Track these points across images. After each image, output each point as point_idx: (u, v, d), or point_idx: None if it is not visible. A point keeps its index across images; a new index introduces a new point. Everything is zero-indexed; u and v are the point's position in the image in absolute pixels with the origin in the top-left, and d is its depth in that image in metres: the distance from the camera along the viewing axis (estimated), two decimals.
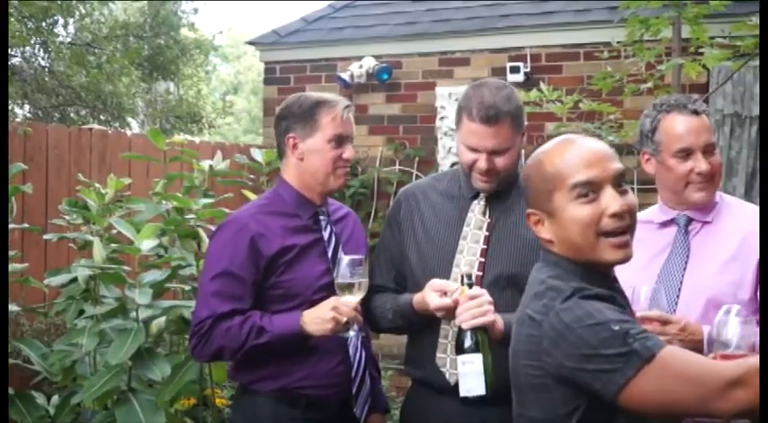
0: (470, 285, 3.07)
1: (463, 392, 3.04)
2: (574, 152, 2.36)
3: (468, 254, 3.30)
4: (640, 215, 3.57)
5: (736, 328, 2.52)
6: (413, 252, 3.40)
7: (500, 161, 3.25)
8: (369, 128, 8.16)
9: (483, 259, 3.29)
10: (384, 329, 3.51)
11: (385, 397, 3.77)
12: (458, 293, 3.08)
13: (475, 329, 3.03)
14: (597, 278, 2.34)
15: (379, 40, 8.22)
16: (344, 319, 3.18)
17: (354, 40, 8.30)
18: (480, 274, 3.26)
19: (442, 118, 7.85)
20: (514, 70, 7.50)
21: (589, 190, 2.31)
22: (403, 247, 3.43)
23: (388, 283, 3.47)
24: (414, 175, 7.77)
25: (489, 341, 3.04)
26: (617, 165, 2.36)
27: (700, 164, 3.21)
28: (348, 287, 3.15)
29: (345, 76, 8.08)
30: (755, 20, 5.48)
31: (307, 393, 3.33)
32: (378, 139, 8.16)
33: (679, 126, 3.24)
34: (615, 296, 2.33)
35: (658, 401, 2.14)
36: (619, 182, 2.35)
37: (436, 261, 3.33)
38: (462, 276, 3.09)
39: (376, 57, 8.08)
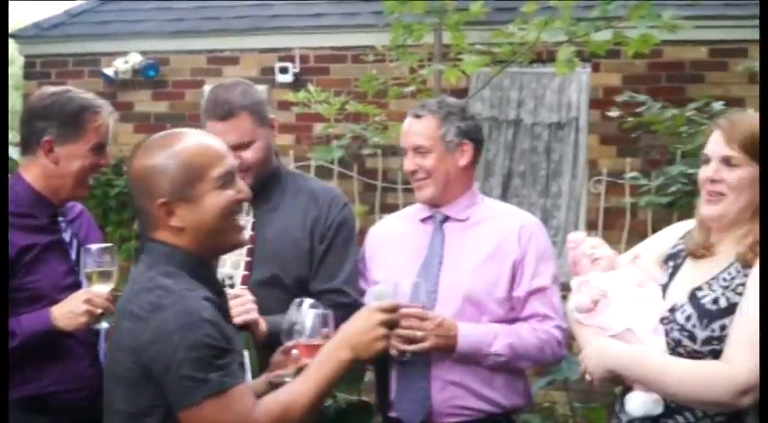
0: (231, 286, 3.10)
1: None
2: (214, 144, 2.47)
3: (234, 253, 3.32)
4: (403, 212, 3.73)
5: (310, 318, 2.65)
6: None
7: (247, 155, 3.29)
8: (134, 126, 7.98)
9: (249, 258, 3.32)
10: None
11: None
12: None
13: (239, 328, 3.05)
14: (206, 274, 2.44)
15: (146, 35, 8.06)
16: (99, 311, 3.08)
17: (120, 35, 8.11)
18: (247, 273, 3.29)
19: None
20: (283, 71, 7.54)
21: (230, 178, 2.42)
22: None
23: None
24: None
25: (255, 340, 3.08)
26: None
27: (406, 164, 3.41)
28: (99, 276, 3.06)
29: (110, 71, 7.89)
30: (512, 28, 5.77)
31: (56, 399, 3.21)
32: (143, 137, 7.99)
33: (402, 128, 3.44)
34: (221, 302, 2.43)
35: None
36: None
37: None
38: (223, 279, 3.11)
39: (142, 53, 7.92)
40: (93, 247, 3.07)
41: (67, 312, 3.10)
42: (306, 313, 2.68)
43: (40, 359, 3.18)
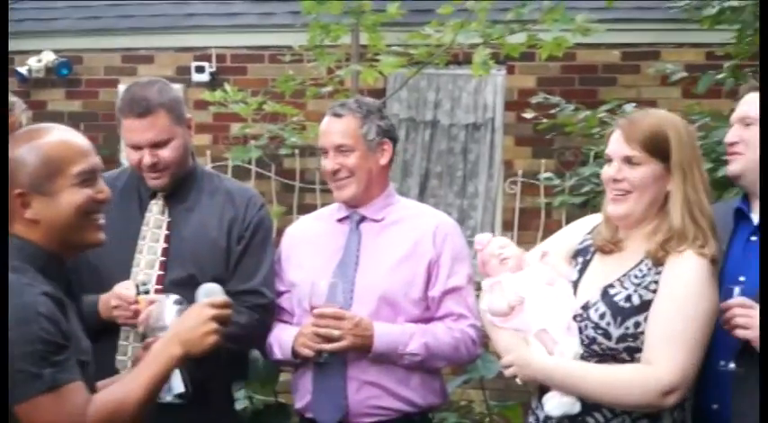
0: (146, 292, 3.07)
1: (164, 393, 3.00)
2: (78, 141, 2.50)
3: (149, 253, 3.30)
4: (319, 212, 3.74)
5: (172, 314, 2.70)
6: (90, 252, 3.31)
7: (164, 154, 3.28)
8: None
9: (164, 258, 3.30)
10: None
11: None
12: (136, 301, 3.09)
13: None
14: (56, 271, 2.44)
15: (60, 33, 7.93)
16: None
17: (33, 33, 7.95)
18: (162, 273, 3.27)
19: None
20: (200, 70, 7.48)
21: (90, 176, 2.45)
22: None
23: None
24: None
25: None
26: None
27: (325, 164, 3.41)
28: None
29: (23, 70, 7.75)
30: (428, 30, 5.82)
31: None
32: None
33: (321, 128, 3.45)
34: (64, 300, 2.42)
35: None
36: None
37: (114, 261, 3.28)
38: (137, 285, 3.08)
39: (56, 51, 7.80)
40: None
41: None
42: (169, 309, 2.72)
43: None
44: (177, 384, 2.97)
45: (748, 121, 2.99)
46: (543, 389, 2.87)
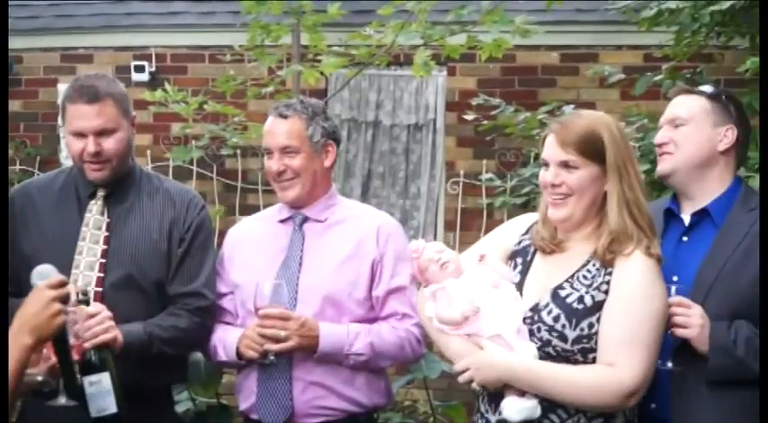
0: (87, 302, 3.03)
1: (95, 413, 2.96)
2: None
3: (88, 255, 3.27)
4: (262, 213, 3.73)
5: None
6: (27, 253, 3.26)
7: (108, 145, 3.26)
8: None
9: (104, 260, 3.27)
10: None
11: None
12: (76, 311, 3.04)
13: (98, 347, 2.99)
14: None
15: None
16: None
17: None
18: (102, 275, 3.24)
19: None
20: (139, 69, 7.42)
21: None
22: (18, 249, 3.29)
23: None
24: (35, 175, 7.47)
25: (113, 357, 3.02)
26: None
27: (270, 164, 3.40)
28: None
29: None
30: (369, 31, 5.83)
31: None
32: None
33: (266, 129, 3.44)
34: None
35: None
36: None
37: (53, 263, 3.22)
38: (78, 293, 3.03)
39: None
40: None
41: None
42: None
43: None
44: (110, 404, 2.96)
45: (678, 122, 3.11)
46: (493, 395, 2.86)
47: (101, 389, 2.96)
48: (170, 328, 3.25)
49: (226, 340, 3.35)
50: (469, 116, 6.35)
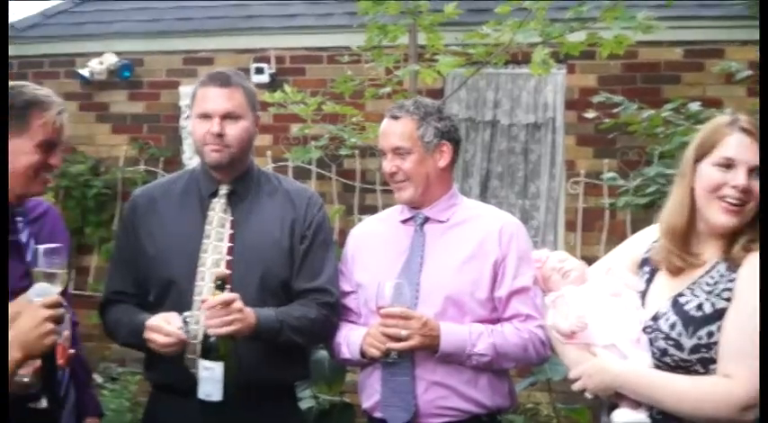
0: (222, 288, 3.07)
1: (201, 395, 3.06)
2: None
3: (214, 252, 3.31)
4: (384, 213, 3.74)
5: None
6: (153, 255, 3.34)
7: (232, 130, 3.31)
8: (111, 126, 7.96)
9: (230, 257, 3.31)
10: (121, 344, 3.46)
11: (98, 401, 3.60)
12: (209, 295, 3.10)
13: (221, 337, 3.05)
14: None
15: (122, 36, 8.02)
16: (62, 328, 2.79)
17: (95, 36, 8.06)
18: (229, 272, 3.27)
19: (187, 117, 7.76)
20: (259, 71, 7.53)
21: None
22: (141, 251, 3.37)
23: (128, 288, 3.40)
24: (159, 176, 7.62)
25: (234, 347, 3.07)
26: None
27: (384, 165, 3.44)
28: (45, 277, 2.82)
29: (85, 72, 7.84)
30: (487, 29, 5.78)
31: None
32: (120, 138, 7.96)
33: (381, 130, 3.47)
34: None
35: None
36: None
37: (179, 262, 3.31)
38: (216, 279, 3.09)
39: (118, 53, 7.89)
40: (41, 247, 2.89)
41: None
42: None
43: None
44: (216, 391, 3.01)
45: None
46: (612, 406, 2.81)
47: (213, 376, 3.04)
48: (300, 318, 3.28)
49: (349, 338, 3.37)
50: (590, 114, 6.25)
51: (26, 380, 2.62)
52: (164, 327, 3.14)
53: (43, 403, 2.83)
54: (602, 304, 2.83)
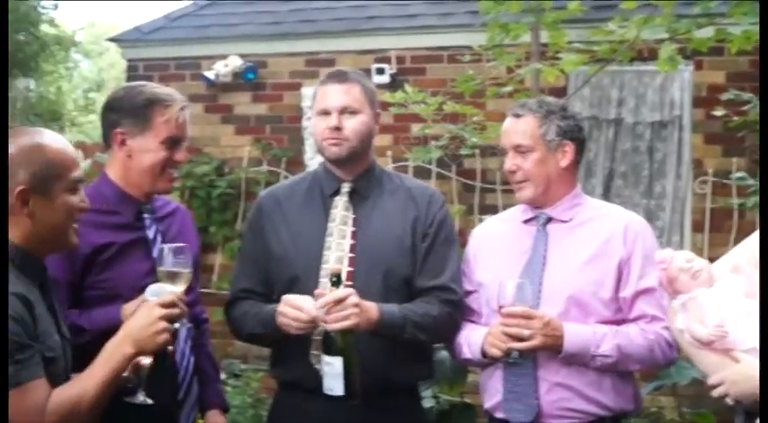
0: (337, 284, 3.08)
1: (325, 390, 3.09)
2: (71, 148, 2.65)
3: (337, 250, 3.33)
4: (505, 213, 3.70)
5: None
6: (278, 253, 3.38)
7: (349, 123, 3.32)
8: (235, 127, 8.10)
9: (352, 254, 3.33)
10: (245, 338, 3.50)
11: (224, 397, 3.66)
12: (326, 291, 3.11)
13: (340, 332, 3.06)
14: (31, 268, 2.57)
15: (245, 38, 8.15)
16: (176, 326, 2.79)
17: (219, 39, 8.22)
18: (351, 269, 3.29)
19: (309, 118, 7.84)
20: (380, 72, 7.55)
21: (80, 184, 2.64)
22: (267, 250, 3.41)
23: (255, 286, 3.44)
24: (282, 176, 7.73)
25: (353, 342, 3.07)
26: None
27: (506, 163, 3.40)
28: (169, 276, 2.85)
29: (210, 74, 8.00)
30: (611, 26, 5.68)
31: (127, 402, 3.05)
32: (244, 138, 8.09)
33: (502, 128, 3.44)
34: (31, 300, 2.49)
35: None
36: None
37: (304, 260, 3.33)
38: (332, 275, 3.11)
39: (241, 56, 8.01)
40: (166, 246, 2.93)
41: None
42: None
43: None
44: (338, 386, 3.03)
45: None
46: (750, 413, 2.73)
47: (333, 371, 3.06)
48: (423, 314, 3.27)
49: (471, 338, 3.35)
50: (718, 112, 6.08)
51: (125, 374, 2.68)
52: (299, 302, 3.16)
53: (139, 398, 2.87)
54: (738, 306, 2.74)
